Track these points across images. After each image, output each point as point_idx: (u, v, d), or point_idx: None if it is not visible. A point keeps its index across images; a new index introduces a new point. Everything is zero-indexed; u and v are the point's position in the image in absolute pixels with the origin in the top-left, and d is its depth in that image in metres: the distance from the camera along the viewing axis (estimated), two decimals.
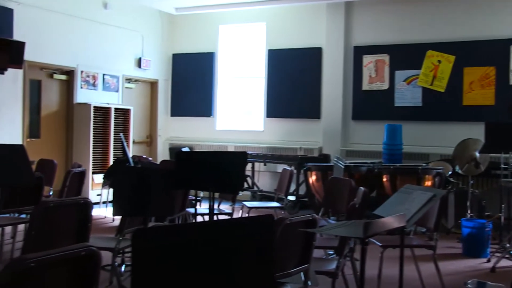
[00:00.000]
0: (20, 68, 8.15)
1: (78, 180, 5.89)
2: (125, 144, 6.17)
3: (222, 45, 10.83)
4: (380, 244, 4.36)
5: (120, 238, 4.18)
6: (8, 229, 5.65)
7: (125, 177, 4.16)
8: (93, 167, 9.07)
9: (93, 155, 9.10)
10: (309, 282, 3.31)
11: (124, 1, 9.99)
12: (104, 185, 8.31)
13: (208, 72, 10.79)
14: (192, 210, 5.54)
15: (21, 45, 7.98)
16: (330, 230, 2.81)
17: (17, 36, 8.14)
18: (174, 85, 11.13)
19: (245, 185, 9.54)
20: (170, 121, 11.16)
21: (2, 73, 8.03)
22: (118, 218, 7.61)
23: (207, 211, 5.87)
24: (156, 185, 4.19)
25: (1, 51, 7.81)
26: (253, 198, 9.56)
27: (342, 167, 6.20)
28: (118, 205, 4.16)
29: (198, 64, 10.85)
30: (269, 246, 1.94)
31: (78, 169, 5.92)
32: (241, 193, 6.99)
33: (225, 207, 6.53)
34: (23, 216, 5.62)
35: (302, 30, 10.02)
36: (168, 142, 10.96)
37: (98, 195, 8.69)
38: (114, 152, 9.40)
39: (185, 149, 9.16)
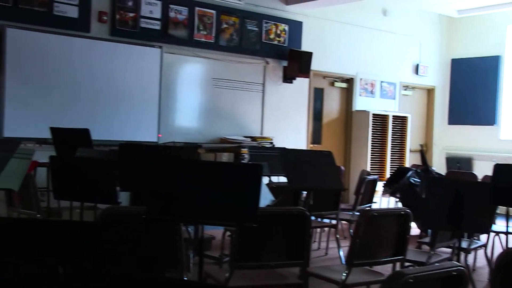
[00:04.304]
0: (307, 77, 8.57)
1: (371, 187, 5.90)
2: (424, 154, 5.98)
3: (510, 47, 9.92)
4: None
5: (432, 253, 3.98)
6: None
7: (439, 188, 3.94)
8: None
9: (370, 162, 9.11)
10: None
11: (403, 7, 9.84)
12: (384, 193, 8.21)
13: (492, 77, 9.98)
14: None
15: (308, 56, 8.38)
16: None
17: (304, 46, 8.58)
18: (453, 92, 10.57)
19: None
20: (447, 129, 10.63)
21: (291, 82, 8.54)
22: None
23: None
24: (471, 199, 3.90)
25: (292, 62, 8.32)
26: None
27: None
28: (429, 217, 3.97)
29: (480, 69, 10.13)
30: None
31: (371, 177, 5.93)
32: None
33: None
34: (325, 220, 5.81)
35: None
36: (445, 152, 10.44)
37: (374, 202, 8.65)
38: (391, 160, 9.29)
39: (495, 161, 8.56)
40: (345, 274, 3.32)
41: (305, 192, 4.86)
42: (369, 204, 6.02)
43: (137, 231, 2.94)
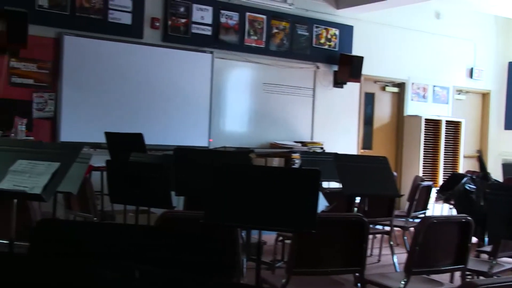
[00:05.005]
0: (358, 81, 8.46)
1: (425, 194, 5.77)
2: (483, 160, 5.81)
3: None
4: None
5: (494, 262, 3.84)
6: None
7: (501, 196, 3.81)
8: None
9: (423, 168, 8.91)
10: None
11: (457, 9, 9.59)
12: (437, 199, 8.00)
13: None
14: None
15: (359, 60, 8.28)
16: None
17: (355, 51, 8.48)
18: (510, 96, 10.24)
19: None
20: (503, 134, 10.30)
21: (342, 87, 8.45)
22: None
23: None
24: None
25: (342, 66, 8.23)
26: None
27: None
28: (490, 226, 3.84)
29: None
30: None
31: (425, 183, 5.80)
32: None
33: None
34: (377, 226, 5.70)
35: None
36: (501, 158, 10.11)
37: (427, 209, 8.44)
38: (444, 166, 9.07)
39: None
40: (403, 282, 3.23)
41: (358, 198, 4.78)
42: (423, 211, 5.88)
43: None
